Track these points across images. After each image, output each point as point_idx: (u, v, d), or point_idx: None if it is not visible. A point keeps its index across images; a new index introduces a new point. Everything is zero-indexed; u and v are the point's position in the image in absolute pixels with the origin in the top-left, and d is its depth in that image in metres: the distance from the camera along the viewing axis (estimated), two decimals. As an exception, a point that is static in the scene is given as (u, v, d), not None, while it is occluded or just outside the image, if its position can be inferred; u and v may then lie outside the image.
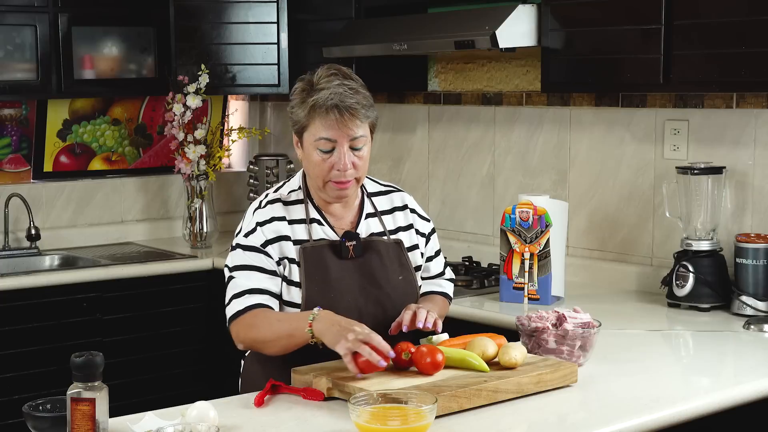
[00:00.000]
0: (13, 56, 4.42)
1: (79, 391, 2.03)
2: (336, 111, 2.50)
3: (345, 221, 2.67)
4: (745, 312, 3.26)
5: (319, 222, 2.64)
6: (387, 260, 2.66)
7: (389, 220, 2.72)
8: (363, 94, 2.56)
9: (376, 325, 2.49)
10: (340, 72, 2.57)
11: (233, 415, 2.28)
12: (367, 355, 2.29)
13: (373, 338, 2.32)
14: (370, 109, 2.57)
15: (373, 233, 2.68)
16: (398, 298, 2.63)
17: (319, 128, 2.53)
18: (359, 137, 2.55)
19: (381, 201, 2.74)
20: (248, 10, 4.62)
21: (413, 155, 4.56)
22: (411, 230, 2.75)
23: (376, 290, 2.63)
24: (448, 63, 4.41)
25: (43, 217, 4.72)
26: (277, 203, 2.64)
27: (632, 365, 2.73)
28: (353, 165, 2.55)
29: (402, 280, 2.66)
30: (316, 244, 2.60)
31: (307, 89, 2.56)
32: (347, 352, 2.32)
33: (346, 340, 2.32)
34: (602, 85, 3.59)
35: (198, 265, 4.43)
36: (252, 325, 2.52)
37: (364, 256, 2.64)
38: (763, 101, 3.37)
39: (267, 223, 2.60)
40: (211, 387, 4.04)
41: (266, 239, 2.58)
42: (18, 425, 2.37)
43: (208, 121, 4.87)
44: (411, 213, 2.77)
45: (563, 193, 3.96)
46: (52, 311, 4.08)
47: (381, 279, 2.64)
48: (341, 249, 2.61)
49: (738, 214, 3.46)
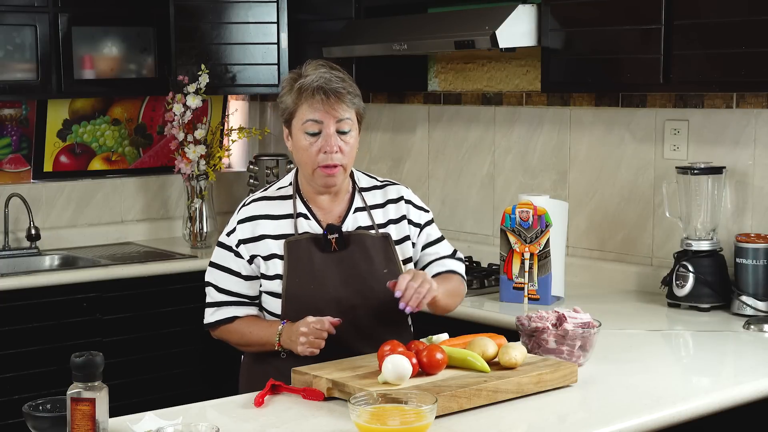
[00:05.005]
0: (13, 56, 4.42)
1: (79, 391, 2.03)
2: (322, 92, 2.58)
3: (333, 215, 2.70)
4: (745, 312, 3.26)
5: (305, 216, 2.68)
6: (372, 253, 2.67)
7: (380, 213, 2.73)
8: (350, 83, 2.64)
9: (358, 317, 2.62)
10: (328, 64, 2.67)
11: (233, 415, 2.28)
12: (316, 348, 2.51)
13: (316, 331, 2.50)
14: (357, 98, 2.64)
15: (360, 227, 2.69)
16: (382, 290, 2.63)
17: (305, 111, 2.60)
18: (345, 119, 2.60)
19: (374, 195, 2.76)
20: (248, 10, 4.63)
21: (413, 155, 4.56)
22: (403, 221, 2.75)
23: (358, 283, 2.65)
24: (448, 63, 4.41)
25: (43, 217, 4.72)
26: (261, 201, 2.71)
27: (632, 365, 2.73)
28: (340, 149, 2.60)
29: (387, 273, 2.66)
30: (300, 237, 2.65)
31: (296, 78, 2.66)
32: (309, 354, 2.53)
33: (302, 345, 2.52)
34: (602, 85, 3.59)
35: (198, 265, 4.42)
36: (226, 332, 2.72)
37: (347, 249, 2.66)
38: (763, 101, 3.37)
39: (246, 221, 2.68)
40: (211, 387, 4.04)
41: (239, 239, 2.68)
42: (18, 425, 2.37)
43: (208, 121, 4.87)
44: (406, 204, 2.78)
45: (563, 193, 3.96)
46: (52, 311, 4.08)
47: (364, 272, 2.66)
48: (324, 242, 2.65)
49: (738, 214, 3.46)
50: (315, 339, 2.52)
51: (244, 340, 2.69)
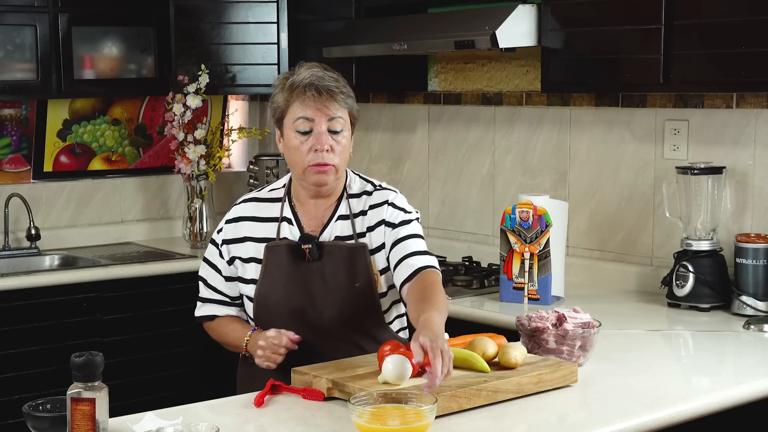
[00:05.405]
0: (13, 56, 4.42)
1: (79, 391, 2.03)
2: (314, 89, 2.54)
3: (317, 221, 2.64)
4: (745, 312, 3.26)
5: (289, 221, 2.64)
6: (346, 265, 2.59)
7: (361, 222, 2.63)
8: (343, 84, 2.60)
9: (324, 330, 2.59)
10: (321, 66, 2.62)
11: (233, 415, 2.28)
12: (272, 362, 2.54)
13: (273, 346, 2.53)
14: (350, 99, 2.59)
15: (339, 237, 2.62)
16: (353, 304, 2.59)
17: (297, 109, 2.56)
18: (337, 117, 2.55)
19: (360, 202, 2.65)
20: (248, 10, 4.63)
21: (413, 155, 4.56)
22: (380, 227, 2.62)
23: (330, 295, 2.59)
24: (448, 63, 4.41)
25: (43, 217, 4.72)
26: (251, 202, 2.71)
27: (632, 365, 2.73)
28: (331, 148, 2.54)
29: (359, 286, 2.59)
30: (279, 243, 2.63)
31: (288, 77, 2.61)
32: (266, 367, 2.56)
33: (258, 358, 2.56)
34: (602, 85, 3.59)
35: (198, 265, 4.38)
36: (208, 328, 2.79)
37: (321, 260, 2.60)
38: (763, 101, 3.37)
39: (232, 222, 2.70)
40: (211, 387, 4.04)
41: (224, 239, 2.70)
42: (18, 425, 2.37)
43: (208, 121, 4.87)
44: (388, 207, 2.63)
45: (563, 193, 3.96)
46: (52, 311, 4.08)
47: (336, 284, 2.59)
48: (298, 251, 2.61)
49: (738, 214, 3.46)
50: (271, 354, 2.53)
51: (222, 339, 2.74)
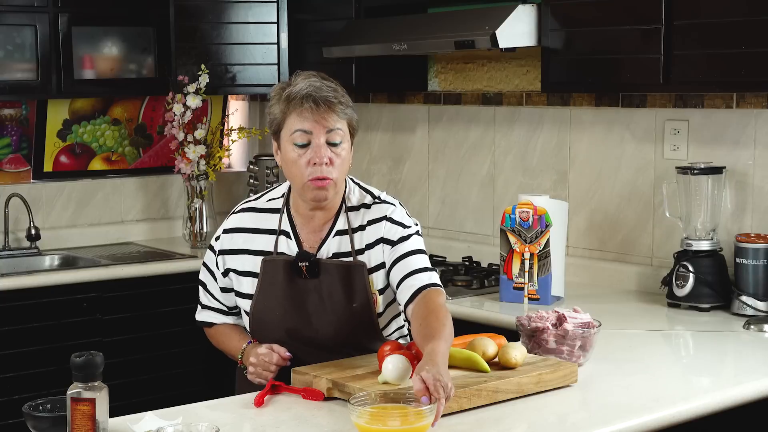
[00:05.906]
0: (13, 56, 4.42)
1: (79, 391, 2.03)
2: (311, 100, 2.45)
3: (316, 235, 2.58)
4: (745, 312, 3.26)
5: (287, 235, 2.58)
6: (344, 284, 2.53)
7: (359, 237, 2.56)
8: (342, 93, 2.52)
9: (321, 346, 2.55)
10: (319, 75, 2.54)
11: (233, 415, 2.28)
12: (263, 378, 2.52)
13: (264, 363, 2.52)
14: (349, 109, 2.51)
15: (337, 253, 2.56)
16: (349, 324, 2.55)
17: (294, 121, 2.47)
18: (336, 129, 2.47)
19: (359, 215, 2.58)
20: (248, 10, 4.63)
21: (413, 155, 4.56)
22: (378, 245, 2.55)
23: (326, 314, 2.55)
24: (448, 63, 4.41)
25: (43, 217, 4.72)
26: (249, 212, 2.64)
27: (632, 365, 2.73)
28: (330, 161, 2.47)
29: (357, 306, 2.54)
30: (277, 258, 2.57)
31: (284, 87, 2.53)
32: (257, 383, 2.53)
33: (250, 374, 2.55)
34: (602, 85, 3.59)
35: (198, 265, 4.32)
36: (207, 333, 2.79)
37: (319, 277, 2.54)
38: (763, 101, 3.37)
39: (230, 233, 2.65)
40: (211, 387, 4.05)
41: (220, 249, 2.66)
42: (18, 425, 2.37)
43: (208, 121, 4.87)
44: (387, 222, 2.55)
45: (563, 193, 3.96)
46: (52, 311, 4.08)
47: (333, 304, 2.54)
48: (295, 268, 2.56)
49: (738, 214, 3.46)
50: (262, 371, 2.52)
51: (219, 346, 2.75)
